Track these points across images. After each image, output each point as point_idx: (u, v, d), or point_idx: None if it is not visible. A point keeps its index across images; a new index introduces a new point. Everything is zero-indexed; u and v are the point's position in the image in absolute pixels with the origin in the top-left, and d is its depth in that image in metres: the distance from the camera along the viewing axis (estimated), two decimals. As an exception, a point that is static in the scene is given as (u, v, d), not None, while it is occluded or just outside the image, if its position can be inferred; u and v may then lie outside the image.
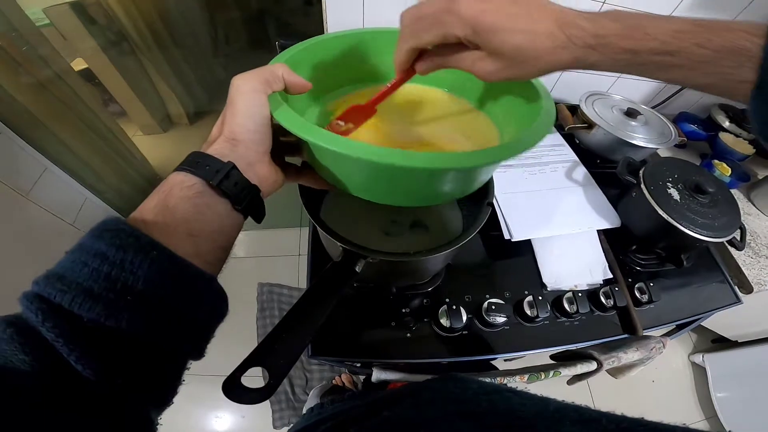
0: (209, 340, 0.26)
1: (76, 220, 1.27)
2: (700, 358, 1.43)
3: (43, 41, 1.11)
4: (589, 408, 0.24)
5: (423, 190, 0.35)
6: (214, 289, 0.26)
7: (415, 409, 0.29)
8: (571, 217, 0.70)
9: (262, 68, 0.31)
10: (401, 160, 0.27)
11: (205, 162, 0.27)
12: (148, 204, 0.25)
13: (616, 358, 0.60)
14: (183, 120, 1.80)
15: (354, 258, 0.39)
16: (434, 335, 0.59)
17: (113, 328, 0.20)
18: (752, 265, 0.76)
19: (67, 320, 0.19)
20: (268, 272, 1.60)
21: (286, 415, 1.33)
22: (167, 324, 0.22)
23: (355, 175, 0.34)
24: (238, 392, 0.27)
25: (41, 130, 1.11)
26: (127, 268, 0.21)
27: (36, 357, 0.18)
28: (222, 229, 0.28)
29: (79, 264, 0.20)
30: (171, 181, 0.26)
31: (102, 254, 0.21)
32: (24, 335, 0.19)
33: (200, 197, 0.26)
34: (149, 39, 1.40)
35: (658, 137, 0.80)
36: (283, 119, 0.29)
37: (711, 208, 0.64)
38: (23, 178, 1.08)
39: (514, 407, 0.26)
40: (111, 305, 0.20)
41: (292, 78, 0.32)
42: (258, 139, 0.30)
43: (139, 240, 0.22)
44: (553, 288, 0.65)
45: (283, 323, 0.32)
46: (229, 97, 0.30)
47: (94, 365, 0.19)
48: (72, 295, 0.19)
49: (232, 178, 0.27)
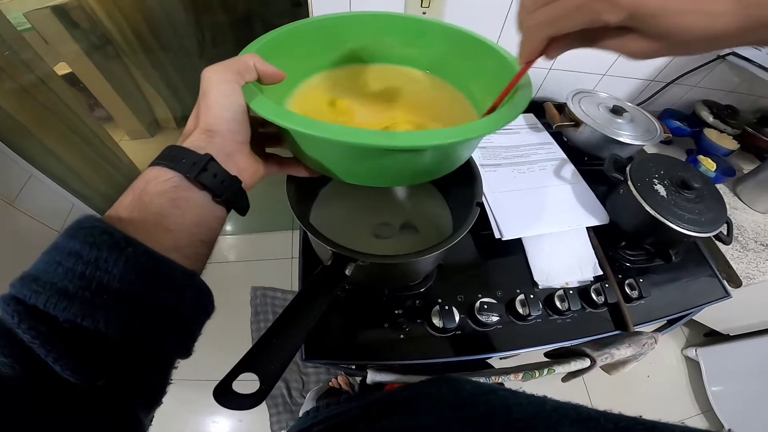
0: (196, 338, 0.26)
1: (63, 227, 1.25)
2: (693, 353, 1.45)
3: (25, 46, 1.09)
4: (587, 407, 0.24)
5: (407, 169, 0.35)
6: (196, 285, 0.25)
7: (413, 417, 0.29)
8: (561, 215, 0.71)
9: (232, 59, 0.31)
10: (382, 140, 0.27)
11: (181, 155, 0.26)
12: (124, 201, 0.25)
13: (609, 354, 0.61)
14: (170, 124, 1.78)
15: (344, 261, 0.39)
16: (428, 336, 0.59)
17: (91, 328, 0.19)
18: (740, 259, 0.77)
19: (43, 321, 0.19)
20: (261, 276, 1.59)
21: (283, 419, 1.32)
22: (147, 322, 0.22)
23: (338, 159, 0.34)
24: (229, 398, 0.26)
25: (25, 136, 1.09)
26: (101, 267, 0.20)
27: (16, 359, 0.18)
28: (202, 222, 0.27)
29: (53, 264, 0.20)
30: (146, 177, 0.26)
31: (76, 253, 0.20)
32: (2, 337, 0.19)
33: (177, 191, 0.25)
34: (134, 42, 1.38)
35: (643, 134, 0.81)
36: (259, 108, 0.29)
37: (697, 204, 0.65)
38: (8, 185, 1.06)
39: (511, 408, 0.26)
40: (87, 305, 0.19)
41: (265, 68, 0.32)
42: (235, 129, 0.29)
43: (113, 237, 0.21)
44: (544, 286, 0.66)
45: (273, 328, 0.32)
46: (202, 90, 0.29)
47: (73, 366, 0.19)
48: (47, 295, 0.19)
49: (210, 170, 0.27)
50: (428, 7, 0.73)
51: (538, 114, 0.93)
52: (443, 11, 0.75)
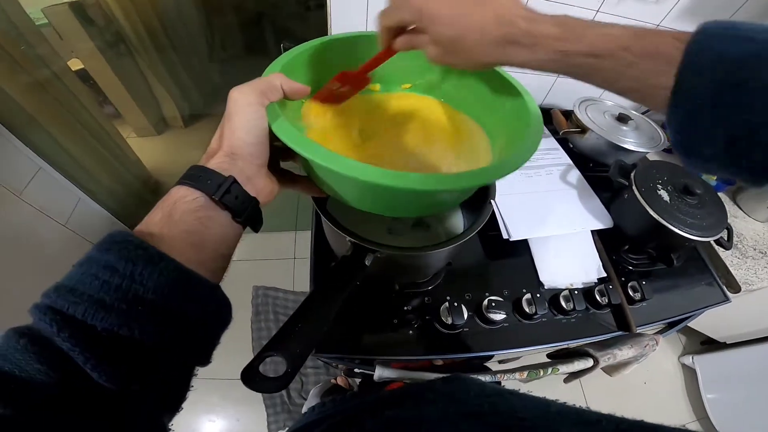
0: (215, 346, 0.27)
1: (68, 221, 1.25)
2: (690, 360, 1.46)
3: (42, 41, 1.10)
4: (590, 410, 0.25)
5: (418, 204, 0.37)
6: (218, 297, 0.27)
7: (417, 409, 0.30)
8: (566, 218, 0.73)
9: (258, 80, 0.32)
10: (396, 181, 0.28)
11: (207, 176, 0.28)
12: (153, 217, 0.26)
13: (611, 355, 0.62)
14: (178, 123, 1.80)
15: (363, 252, 0.40)
16: (436, 333, 0.60)
17: (126, 336, 0.21)
18: (739, 265, 0.79)
19: (82, 330, 0.20)
20: (262, 275, 1.59)
21: (281, 419, 1.32)
22: (176, 331, 0.23)
23: (351, 190, 0.36)
24: (257, 381, 0.28)
25: (37, 129, 1.10)
26: (137, 279, 0.21)
27: (51, 366, 0.19)
28: (223, 239, 0.29)
29: (89, 276, 0.21)
30: (174, 195, 0.27)
31: (111, 267, 0.22)
32: (38, 345, 0.19)
33: (203, 210, 0.27)
34: (147, 41, 1.39)
35: (648, 141, 0.83)
36: (281, 133, 0.30)
37: (699, 209, 0.66)
38: (16, 177, 1.07)
39: (515, 408, 0.26)
40: (123, 315, 0.21)
41: (291, 85, 0.33)
42: (256, 153, 0.31)
43: (147, 252, 0.23)
44: (550, 286, 0.67)
45: (297, 314, 0.33)
46: (227, 112, 0.30)
47: (110, 372, 0.20)
48: (84, 306, 0.20)
49: (233, 192, 0.28)
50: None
51: (546, 120, 0.95)
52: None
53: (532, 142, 0.35)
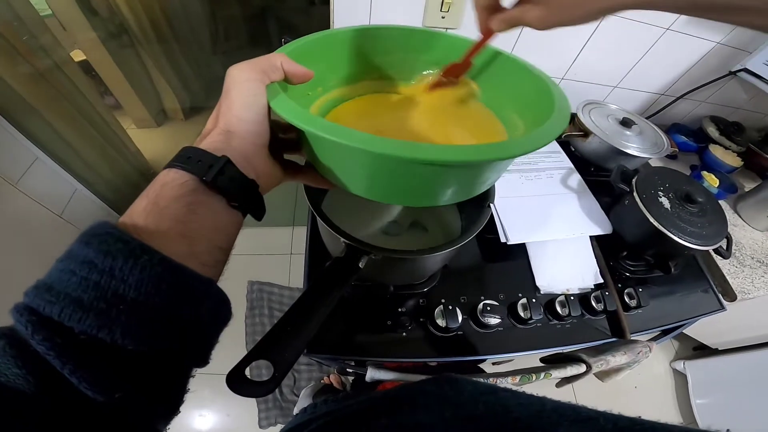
0: (213, 346, 0.25)
1: (64, 212, 1.25)
2: (681, 365, 1.47)
3: (45, 31, 1.09)
4: (586, 407, 0.24)
5: (427, 187, 0.32)
6: (214, 293, 0.24)
7: (413, 416, 0.29)
8: (565, 223, 0.72)
9: (259, 58, 0.29)
10: (408, 151, 0.25)
11: (197, 157, 0.25)
12: (138, 206, 0.23)
13: (604, 361, 0.61)
14: (178, 115, 1.79)
15: (357, 254, 0.40)
16: (430, 335, 0.59)
17: (107, 340, 0.19)
18: (736, 274, 0.78)
19: (59, 333, 0.18)
20: (258, 270, 1.59)
21: (272, 415, 1.32)
22: (165, 332, 0.21)
23: (356, 169, 0.32)
24: (242, 385, 0.26)
25: (35, 119, 1.09)
26: (117, 276, 0.19)
27: (30, 370, 0.17)
28: (218, 227, 0.26)
29: (67, 273, 0.19)
30: (161, 180, 0.24)
31: (90, 262, 0.19)
32: (17, 347, 0.18)
33: (193, 195, 0.24)
34: (149, 32, 1.38)
35: (651, 147, 0.82)
36: (279, 107, 0.28)
37: (700, 217, 0.66)
38: (13, 166, 1.06)
39: (511, 408, 0.26)
40: (102, 316, 0.18)
41: (292, 67, 0.31)
42: (255, 131, 0.28)
43: (127, 245, 0.20)
44: (546, 291, 0.67)
45: (287, 317, 0.32)
46: (225, 88, 0.28)
47: (90, 378, 0.18)
48: (61, 306, 0.18)
49: (227, 174, 0.25)
50: (447, 12, 0.74)
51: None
52: (461, 18, 0.76)
53: (558, 119, 0.32)
